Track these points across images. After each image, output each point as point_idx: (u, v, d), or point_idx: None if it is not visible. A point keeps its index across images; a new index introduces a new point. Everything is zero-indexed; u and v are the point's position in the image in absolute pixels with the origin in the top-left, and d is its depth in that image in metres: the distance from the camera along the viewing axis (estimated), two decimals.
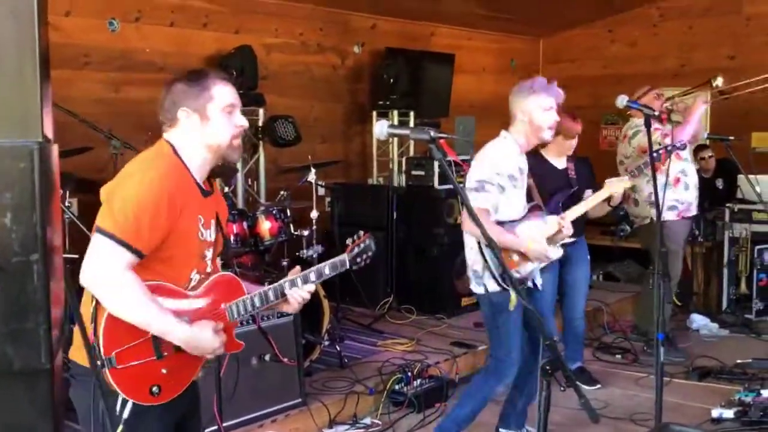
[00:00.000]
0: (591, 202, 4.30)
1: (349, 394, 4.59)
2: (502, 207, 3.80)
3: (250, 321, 4.05)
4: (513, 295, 3.71)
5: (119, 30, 5.94)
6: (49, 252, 0.96)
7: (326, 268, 2.56)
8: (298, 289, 2.50)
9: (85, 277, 2.18)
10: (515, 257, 3.83)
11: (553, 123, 3.84)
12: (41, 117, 0.94)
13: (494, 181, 3.75)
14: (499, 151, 3.87)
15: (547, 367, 2.21)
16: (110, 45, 5.89)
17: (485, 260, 3.73)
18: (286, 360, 4.17)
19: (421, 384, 4.84)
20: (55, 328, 0.92)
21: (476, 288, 3.88)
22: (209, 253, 2.43)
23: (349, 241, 2.65)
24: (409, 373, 4.84)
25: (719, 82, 5.68)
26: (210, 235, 2.42)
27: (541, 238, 3.88)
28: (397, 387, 4.77)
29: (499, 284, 3.74)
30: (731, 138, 5.09)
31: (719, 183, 7.40)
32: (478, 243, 3.73)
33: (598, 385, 5.20)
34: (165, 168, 2.30)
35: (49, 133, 0.98)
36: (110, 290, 2.18)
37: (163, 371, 2.29)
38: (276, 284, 2.51)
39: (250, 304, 2.46)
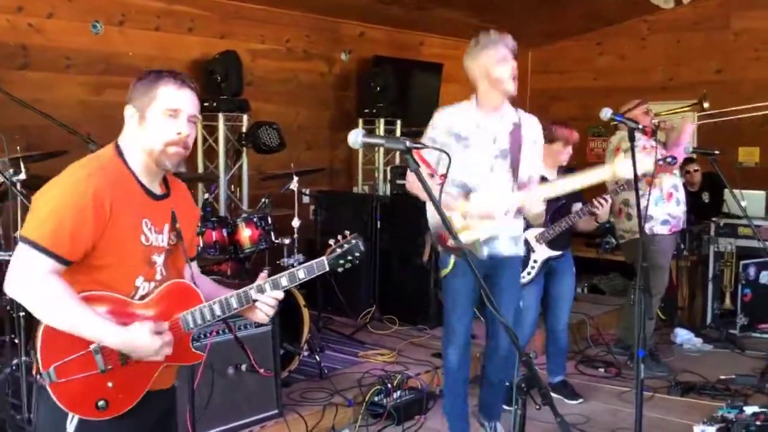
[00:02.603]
0: (585, 180, 3.79)
1: (327, 406, 4.52)
2: (443, 167, 3.68)
3: (226, 331, 4.00)
4: (451, 260, 3.67)
5: (103, 33, 5.88)
6: None
7: (301, 271, 2.34)
8: (265, 295, 2.32)
9: (9, 288, 2.08)
10: (459, 222, 3.70)
11: (512, 72, 3.74)
12: None
13: (428, 134, 3.73)
14: (446, 112, 3.82)
15: (523, 385, 2.16)
16: (93, 48, 5.83)
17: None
18: (262, 371, 4.10)
19: (400, 396, 4.77)
20: None
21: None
22: (159, 259, 2.27)
23: (332, 241, 2.43)
24: (389, 385, 4.77)
25: (707, 105, 5.70)
26: (161, 240, 2.27)
27: (494, 205, 3.71)
28: (376, 399, 4.70)
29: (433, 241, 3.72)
30: (717, 152, 5.05)
31: (705, 197, 7.39)
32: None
33: (581, 399, 5.15)
34: (95, 168, 2.16)
35: None
36: (33, 298, 2.07)
37: (109, 384, 2.16)
38: (241, 290, 2.33)
39: (209, 313, 2.28)
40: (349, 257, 2.39)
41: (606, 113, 3.55)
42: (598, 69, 9.19)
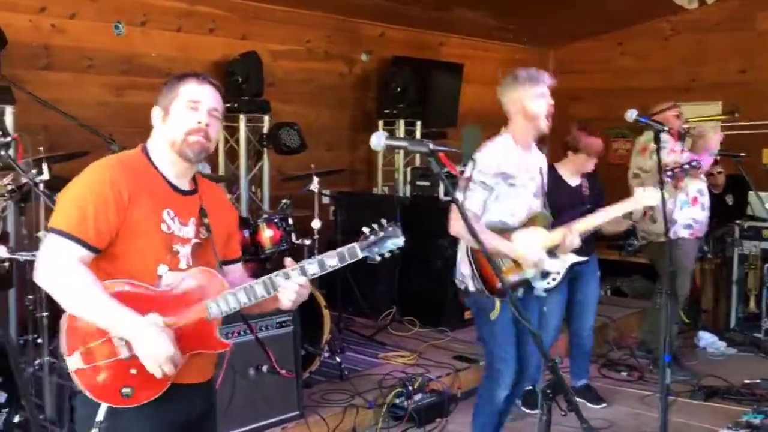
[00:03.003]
0: (612, 213, 3.98)
1: (348, 407, 4.51)
2: (494, 209, 3.67)
3: (248, 332, 3.99)
4: (498, 303, 3.62)
5: (125, 33, 5.90)
6: None
7: (330, 258, 2.30)
8: (291, 282, 2.29)
9: (40, 277, 2.15)
10: (507, 264, 3.70)
11: (548, 110, 3.71)
12: None
13: (477, 179, 3.64)
14: (490, 149, 3.73)
15: (548, 391, 2.13)
16: (115, 48, 5.84)
17: (471, 263, 3.63)
18: (283, 372, 4.08)
19: (422, 398, 4.75)
20: None
21: (460, 285, 3.79)
22: (183, 250, 2.29)
23: (366, 229, 2.34)
24: (410, 387, 4.75)
25: (737, 116, 5.64)
26: (186, 231, 2.30)
27: (537, 245, 3.71)
28: (397, 401, 4.68)
29: (478, 287, 3.63)
30: (742, 155, 5.01)
31: (729, 199, 7.29)
32: (466, 246, 3.65)
33: (604, 404, 5.11)
34: (113, 161, 2.28)
35: None
36: (64, 284, 2.13)
37: (133, 371, 2.16)
38: (266, 277, 2.30)
39: (234, 300, 2.27)
40: (387, 245, 2.35)
41: (631, 114, 3.51)
42: (619, 69, 9.11)
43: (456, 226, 3.59)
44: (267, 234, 4.92)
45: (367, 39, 7.73)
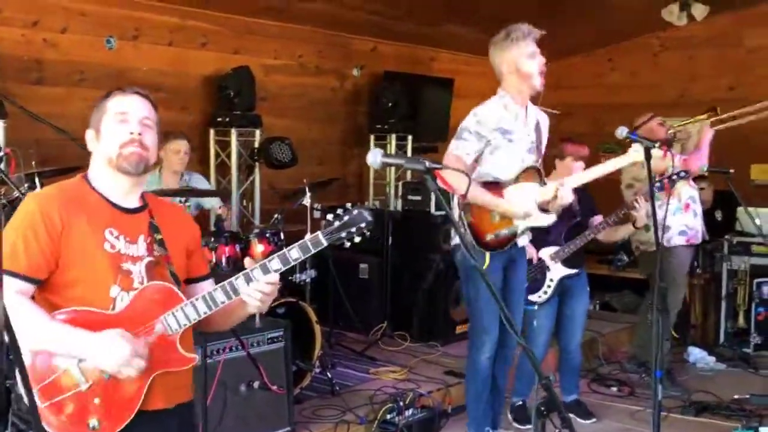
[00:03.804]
0: (608, 167, 3.98)
1: (339, 423, 4.49)
2: (489, 164, 3.69)
3: (239, 347, 3.99)
4: (487, 257, 3.62)
5: (116, 48, 5.90)
6: None
7: (293, 250, 2.19)
8: (255, 284, 2.17)
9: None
10: (496, 218, 3.71)
11: (542, 68, 3.76)
12: None
13: (473, 129, 3.68)
14: (487, 104, 3.79)
15: (542, 408, 2.14)
16: (107, 62, 5.84)
17: (461, 215, 3.66)
18: (275, 387, 4.08)
19: (413, 414, 4.73)
20: None
21: (452, 240, 3.85)
22: (135, 268, 2.20)
23: (330, 216, 2.23)
24: (401, 403, 4.73)
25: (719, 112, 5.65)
26: (134, 249, 2.22)
27: (529, 199, 3.74)
28: (388, 416, 4.66)
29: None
30: (731, 171, 5.04)
31: (718, 215, 7.34)
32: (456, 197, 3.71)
33: (594, 419, 5.11)
34: (44, 190, 2.28)
35: None
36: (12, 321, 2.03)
37: (96, 401, 2.09)
38: (226, 282, 2.19)
39: (193, 311, 2.18)
40: (352, 229, 2.21)
41: (621, 132, 3.53)
42: (610, 85, 9.17)
43: (444, 172, 3.61)
44: (258, 249, 4.91)
45: (358, 54, 7.76)
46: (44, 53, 5.52)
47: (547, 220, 3.91)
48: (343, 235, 2.20)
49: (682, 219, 5.51)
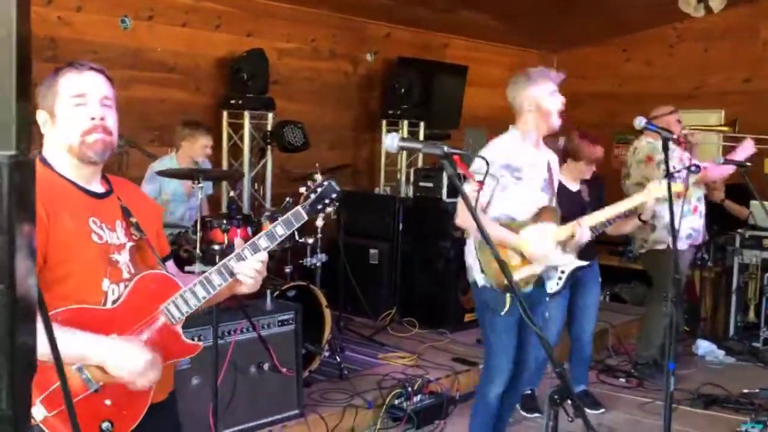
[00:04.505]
0: (623, 206, 4.05)
1: (347, 407, 4.50)
2: (500, 202, 3.66)
3: (251, 329, 4.00)
4: (508, 298, 3.61)
5: (131, 28, 5.89)
6: (18, 283, 0.86)
7: (278, 227, 2.17)
8: (247, 262, 2.14)
9: None
10: (515, 259, 3.70)
11: (561, 106, 3.74)
12: (15, 125, 0.82)
13: (484, 170, 3.63)
14: (499, 143, 3.74)
15: (556, 396, 2.13)
16: (121, 42, 5.84)
17: (478, 257, 3.62)
18: (284, 370, 4.08)
19: (421, 400, 4.75)
20: (24, 370, 0.83)
21: (469, 277, 3.79)
22: (122, 258, 2.08)
23: (302, 189, 2.29)
24: (410, 388, 4.74)
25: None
26: (116, 237, 2.09)
27: (547, 240, 3.70)
28: (396, 402, 4.68)
29: (488, 284, 3.61)
30: (748, 164, 4.99)
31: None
32: (474, 239, 3.66)
33: (603, 409, 5.11)
34: None
35: (27, 142, 0.86)
36: None
37: (107, 403, 1.98)
38: (219, 264, 2.14)
39: (192, 297, 2.10)
40: (326, 200, 2.25)
41: (640, 122, 3.49)
42: (624, 75, 9.11)
43: (462, 216, 3.59)
44: None
45: (372, 39, 7.73)
46: (58, 31, 5.51)
47: (566, 260, 3.88)
48: (319, 207, 2.25)
49: (690, 222, 5.46)
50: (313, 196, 2.24)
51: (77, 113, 2.03)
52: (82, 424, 1.87)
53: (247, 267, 2.14)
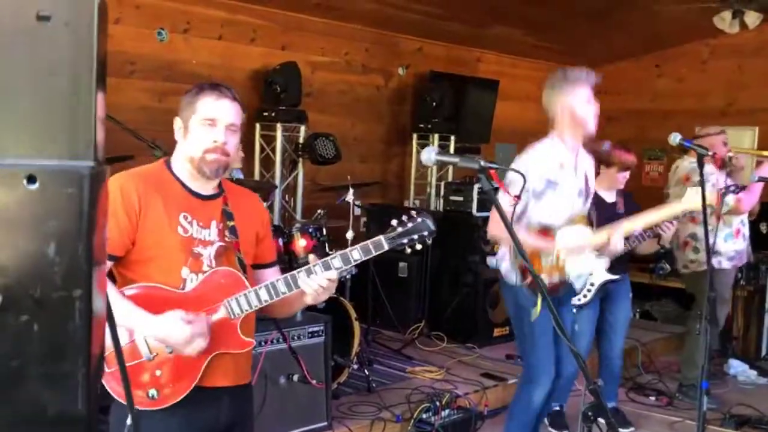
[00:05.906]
0: (661, 215, 3.98)
1: (375, 420, 4.50)
2: (536, 210, 3.65)
3: (281, 339, 4.02)
4: (538, 302, 3.59)
5: (168, 40, 5.98)
6: (95, 288, 0.89)
7: (355, 251, 2.29)
8: (315, 277, 2.28)
9: None
10: (547, 264, 3.68)
11: (595, 114, 3.72)
12: (94, 137, 0.87)
13: (519, 184, 3.63)
14: (535, 153, 3.73)
15: (589, 413, 2.13)
16: (158, 54, 5.92)
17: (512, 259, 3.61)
18: (314, 381, 4.10)
19: (449, 415, 4.74)
20: (96, 371, 0.86)
21: (501, 279, 3.78)
22: (206, 252, 2.32)
23: (394, 221, 2.32)
24: (438, 403, 4.74)
25: None
26: (207, 234, 2.33)
27: (580, 244, 3.69)
28: (424, 416, 4.67)
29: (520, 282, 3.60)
30: None
31: (763, 227, 7.21)
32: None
33: (632, 428, 5.06)
34: (131, 171, 2.33)
35: (101, 153, 0.91)
36: None
37: (158, 373, 2.23)
38: (288, 274, 2.32)
39: (255, 298, 2.30)
40: (414, 236, 2.30)
41: (675, 138, 3.48)
42: (656, 91, 9.06)
43: (493, 228, 3.59)
44: (301, 243, 4.94)
45: (404, 53, 7.76)
46: (106, 48, 5.58)
47: (600, 263, 3.82)
48: (405, 241, 2.30)
49: (733, 245, 5.43)
50: (400, 228, 2.29)
51: (205, 133, 2.30)
52: (133, 385, 2.17)
53: (314, 282, 2.28)
